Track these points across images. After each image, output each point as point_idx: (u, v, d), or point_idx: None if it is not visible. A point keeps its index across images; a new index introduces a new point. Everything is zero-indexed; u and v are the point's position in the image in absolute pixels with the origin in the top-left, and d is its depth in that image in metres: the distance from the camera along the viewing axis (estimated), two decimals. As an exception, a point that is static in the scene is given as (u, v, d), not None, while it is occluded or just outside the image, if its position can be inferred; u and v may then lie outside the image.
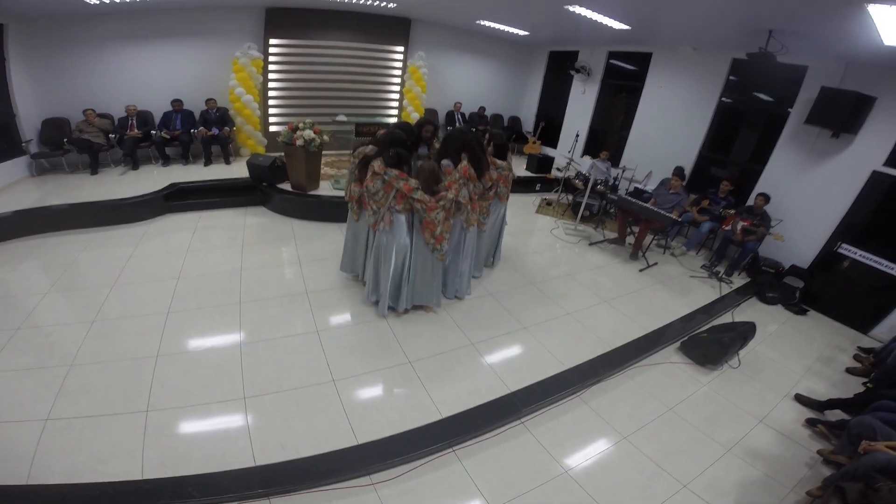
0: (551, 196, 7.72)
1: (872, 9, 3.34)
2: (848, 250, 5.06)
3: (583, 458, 2.77)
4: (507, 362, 3.52)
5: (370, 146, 3.80)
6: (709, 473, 2.76)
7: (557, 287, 4.76)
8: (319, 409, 2.83)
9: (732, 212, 5.71)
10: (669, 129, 7.24)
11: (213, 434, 2.61)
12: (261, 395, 2.88)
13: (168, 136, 6.78)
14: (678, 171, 6.53)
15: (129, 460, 2.37)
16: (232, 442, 2.54)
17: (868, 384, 3.80)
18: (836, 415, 3.38)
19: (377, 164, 3.40)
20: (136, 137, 6.56)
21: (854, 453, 2.70)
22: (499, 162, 4.18)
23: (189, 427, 2.63)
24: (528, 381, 3.26)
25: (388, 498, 2.37)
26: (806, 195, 5.46)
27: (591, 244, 6.06)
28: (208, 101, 7.01)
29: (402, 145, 3.60)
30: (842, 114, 4.81)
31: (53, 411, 2.61)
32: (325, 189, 6.31)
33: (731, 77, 6.45)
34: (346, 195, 4.07)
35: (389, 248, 3.55)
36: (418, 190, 3.39)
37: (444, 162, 3.74)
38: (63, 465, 2.31)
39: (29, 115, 6.15)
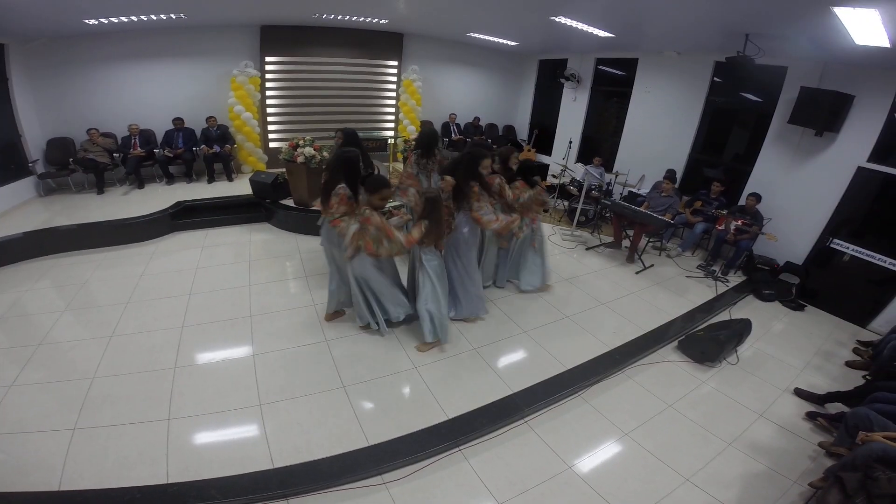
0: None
1: (838, 11, 3.50)
2: (840, 245, 5.19)
3: (586, 454, 2.86)
4: (509, 365, 3.62)
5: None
6: (711, 467, 2.84)
7: (556, 291, 4.88)
8: (331, 414, 2.94)
9: (725, 212, 5.84)
10: (659, 132, 7.41)
11: (233, 439, 2.72)
12: (275, 402, 2.99)
13: (171, 155, 6.95)
14: (669, 174, 6.71)
15: (154, 465, 2.47)
16: (250, 446, 2.65)
17: (868, 377, 3.86)
18: (836, 408, 3.45)
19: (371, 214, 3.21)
20: (139, 156, 6.71)
21: (853, 445, 2.77)
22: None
23: (209, 433, 2.74)
24: (530, 382, 3.37)
25: (399, 496, 2.47)
26: (795, 193, 5.62)
27: (587, 249, 6.19)
28: (209, 118, 7.19)
29: (357, 164, 3.47)
30: (823, 113, 4.96)
31: (80, 421, 2.72)
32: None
33: (716, 79, 6.64)
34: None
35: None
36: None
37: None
38: (92, 471, 2.41)
39: (34, 135, 6.30)
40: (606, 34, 6.53)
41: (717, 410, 3.38)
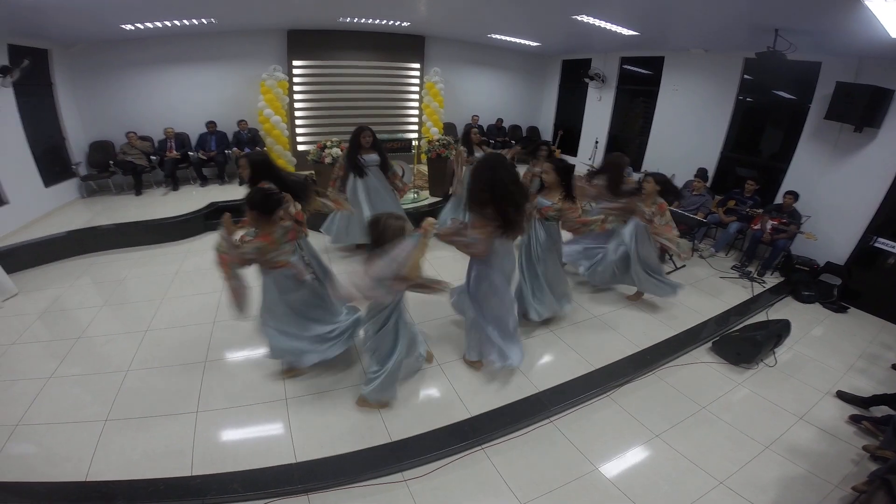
0: (574, 202, 7.74)
1: (870, 3, 3.33)
2: (885, 244, 4.89)
3: (614, 455, 2.77)
4: (535, 364, 3.54)
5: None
6: (746, 470, 2.71)
7: (584, 291, 4.76)
8: (355, 409, 2.94)
9: (760, 211, 5.61)
10: (689, 131, 7.20)
11: (258, 433, 2.76)
12: (300, 396, 3.02)
13: (204, 158, 7.18)
14: (700, 173, 6.50)
15: (181, 458, 2.52)
16: (274, 441, 2.68)
17: (917, 379, 3.65)
18: (882, 411, 3.24)
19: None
20: (175, 159, 6.96)
21: None
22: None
23: (236, 427, 2.78)
24: (557, 381, 3.29)
25: (419, 493, 2.44)
26: (835, 191, 5.35)
27: (616, 248, 6.03)
28: (240, 122, 7.40)
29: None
30: (860, 108, 4.73)
31: (112, 413, 2.81)
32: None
33: (746, 76, 6.42)
34: None
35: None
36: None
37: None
38: (119, 462, 2.48)
39: (77, 138, 6.61)
40: (630, 32, 6.41)
41: (753, 413, 3.22)
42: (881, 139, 4.92)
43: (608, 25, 6.13)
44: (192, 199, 6.50)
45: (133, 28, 6.05)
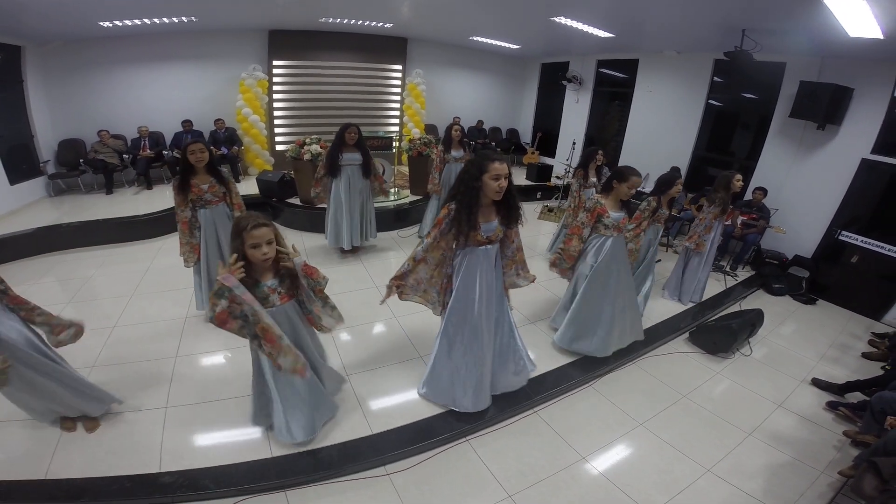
0: (552, 203, 7.83)
1: (828, 1, 3.48)
2: (849, 237, 5.10)
3: (599, 444, 2.75)
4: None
5: None
6: (732, 457, 2.73)
7: (563, 286, 4.75)
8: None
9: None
10: (662, 131, 7.38)
11: (231, 428, 2.62)
12: (277, 390, 2.90)
13: (179, 157, 6.98)
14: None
15: (148, 454, 2.38)
16: (248, 435, 2.55)
17: (887, 367, 3.75)
18: (856, 397, 3.35)
19: None
20: (148, 158, 6.76)
21: (881, 430, 2.66)
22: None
23: (207, 422, 2.65)
24: (539, 371, 3.24)
25: (403, 487, 2.37)
26: (801, 186, 5.57)
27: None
28: (217, 121, 7.24)
29: None
30: (823, 106, 4.95)
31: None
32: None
33: (716, 78, 6.64)
34: None
35: None
36: None
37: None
38: (82, 459, 2.33)
39: (46, 136, 6.37)
40: (606, 34, 6.55)
41: (733, 400, 3.27)
42: (842, 136, 5.15)
43: (585, 27, 6.26)
44: (165, 197, 6.27)
45: (111, 25, 5.87)
